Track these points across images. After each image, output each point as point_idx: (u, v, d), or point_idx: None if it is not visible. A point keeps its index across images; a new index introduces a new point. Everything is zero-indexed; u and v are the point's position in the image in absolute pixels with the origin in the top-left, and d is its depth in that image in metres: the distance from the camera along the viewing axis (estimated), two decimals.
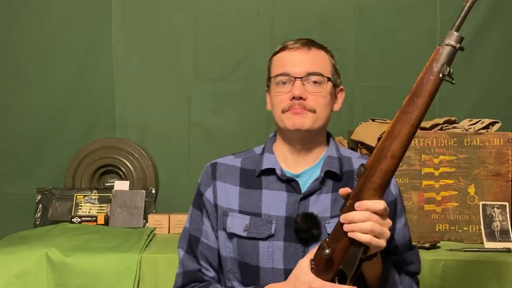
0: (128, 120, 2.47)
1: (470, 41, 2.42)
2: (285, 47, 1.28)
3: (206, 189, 1.29)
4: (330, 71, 1.27)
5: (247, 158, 1.32)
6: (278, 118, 1.25)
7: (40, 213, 2.31)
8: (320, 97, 1.23)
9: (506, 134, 2.00)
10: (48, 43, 2.45)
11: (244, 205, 1.25)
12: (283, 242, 1.20)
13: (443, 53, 1.01)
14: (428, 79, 1.01)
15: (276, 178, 1.25)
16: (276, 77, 1.25)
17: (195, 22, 2.46)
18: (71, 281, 1.79)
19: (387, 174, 1.00)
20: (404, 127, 1.00)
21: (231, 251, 1.24)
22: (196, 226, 1.30)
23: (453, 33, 1.01)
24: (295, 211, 1.21)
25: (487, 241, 1.94)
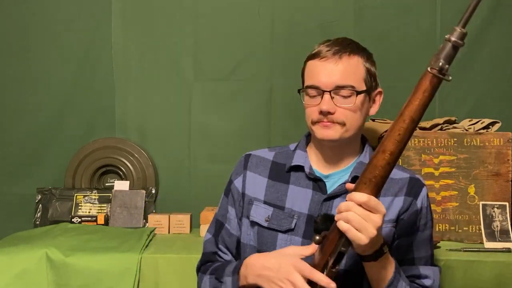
0: (128, 120, 2.47)
1: (470, 41, 2.41)
2: (317, 55, 1.29)
3: (236, 178, 1.35)
4: (362, 79, 1.28)
5: (281, 152, 1.37)
6: (309, 127, 1.30)
7: (40, 213, 2.31)
8: (349, 111, 1.24)
9: (506, 134, 2.00)
10: (48, 43, 2.45)
11: (269, 197, 1.30)
12: (302, 239, 1.24)
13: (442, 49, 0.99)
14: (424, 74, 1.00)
15: (304, 175, 1.29)
16: (306, 88, 1.28)
17: (195, 22, 2.46)
18: (71, 281, 1.79)
19: (377, 168, 1.00)
20: (397, 123, 1.00)
21: (251, 239, 1.29)
22: (223, 212, 1.37)
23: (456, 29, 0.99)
24: (318, 210, 1.23)
25: (487, 241, 1.94)
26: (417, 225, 1.27)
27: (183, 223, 2.21)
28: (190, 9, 2.46)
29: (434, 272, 1.29)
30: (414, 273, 1.26)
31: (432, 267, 1.30)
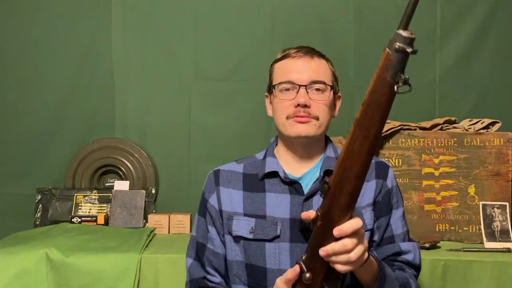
0: (128, 120, 2.47)
1: (470, 41, 2.42)
2: (287, 55, 1.31)
3: (210, 196, 1.33)
4: (331, 79, 1.32)
5: (249, 163, 1.36)
6: (282, 124, 1.29)
7: (40, 213, 2.31)
8: (323, 105, 1.27)
9: (506, 134, 2.00)
10: (48, 43, 2.45)
11: (248, 208, 1.28)
12: (289, 243, 1.23)
13: (393, 60, 0.87)
14: (381, 91, 0.88)
15: (279, 181, 1.29)
16: (280, 84, 1.28)
17: (195, 22, 2.46)
18: (71, 281, 1.78)
19: (354, 193, 0.96)
20: (364, 146, 0.92)
21: (238, 254, 1.27)
22: (202, 234, 1.34)
23: (401, 33, 0.86)
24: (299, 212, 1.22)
25: (487, 241, 1.94)
26: (391, 204, 1.32)
27: (183, 223, 2.21)
28: (190, 9, 2.46)
29: (414, 247, 1.32)
30: (396, 250, 1.29)
31: (411, 242, 1.34)
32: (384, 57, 0.89)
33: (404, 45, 0.86)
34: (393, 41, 0.87)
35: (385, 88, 0.88)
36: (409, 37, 0.86)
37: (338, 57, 2.45)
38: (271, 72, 1.35)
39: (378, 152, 2.00)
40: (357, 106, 2.85)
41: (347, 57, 2.46)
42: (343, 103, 2.51)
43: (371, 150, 0.93)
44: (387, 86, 0.88)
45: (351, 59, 2.46)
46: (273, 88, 1.31)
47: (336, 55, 2.45)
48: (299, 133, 1.26)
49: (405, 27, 0.87)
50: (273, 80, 1.33)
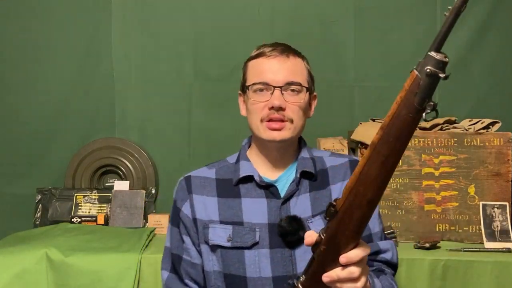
0: (128, 120, 2.47)
1: (470, 41, 2.42)
2: (262, 54, 1.26)
3: (183, 204, 1.26)
4: (306, 79, 1.26)
5: (221, 168, 1.31)
6: (255, 126, 1.24)
7: (40, 213, 2.31)
8: (298, 107, 1.23)
9: (506, 134, 2.00)
10: (48, 43, 2.45)
11: (224, 215, 1.23)
12: (269, 249, 1.19)
13: (423, 84, 0.79)
14: (405, 116, 0.81)
15: (254, 185, 1.24)
16: (254, 85, 1.23)
17: (195, 22, 2.46)
18: (71, 281, 1.78)
19: (365, 220, 0.89)
20: (381, 172, 0.84)
21: (215, 264, 1.21)
22: (177, 244, 1.27)
23: (434, 56, 0.79)
24: (277, 216, 1.20)
25: (487, 241, 1.94)
26: None
27: None
28: (190, 9, 2.46)
29: (391, 245, 1.30)
30: (375, 249, 1.25)
31: (388, 240, 1.31)
32: (411, 80, 0.80)
33: (436, 69, 0.78)
34: (423, 64, 0.79)
35: (410, 114, 0.80)
36: (442, 60, 0.79)
37: (338, 57, 2.47)
38: (245, 70, 1.29)
39: None
40: (357, 106, 2.87)
41: (347, 57, 2.46)
42: (343, 103, 2.53)
43: (388, 177, 0.85)
44: (412, 112, 0.80)
45: (351, 59, 2.46)
46: (247, 89, 1.25)
47: (336, 55, 2.47)
48: (273, 138, 1.21)
49: (438, 49, 0.79)
50: (247, 79, 1.27)
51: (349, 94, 2.46)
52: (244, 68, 1.30)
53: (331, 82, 2.46)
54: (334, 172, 1.28)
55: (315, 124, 2.48)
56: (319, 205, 1.23)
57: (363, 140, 2.01)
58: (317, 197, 1.24)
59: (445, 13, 0.75)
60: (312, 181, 1.25)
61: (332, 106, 2.45)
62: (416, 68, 0.79)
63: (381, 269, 1.25)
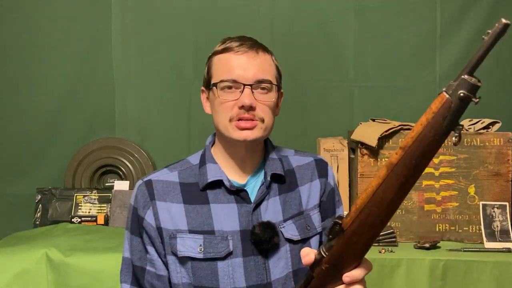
0: (128, 120, 2.47)
1: (470, 41, 2.42)
2: (229, 49, 1.19)
3: (146, 212, 1.15)
4: (275, 76, 1.20)
5: (184, 170, 1.22)
6: (224, 126, 1.16)
7: (40, 213, 2.31)
8: (268, 106, 1.15)
9: (506, 134, 2.00)
10: (48, 43, 2.45)
11: (193, 224, 1.13)
12: (242, 258, 1.12)
13: (454, 108, 0.76)
14: (431, 139, 0.78)
15: (223, 190, 1.16)
16: (222, 82, 1.15)
17: (195, 22, 2.46)
18: (71, 281, 1.79)
19: (373, 240, 0.86)
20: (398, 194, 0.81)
21: (184, 276, 1.12)
22: (139, 255, 1.16)
23: (468, 80, 0.75)
24: (249, 222, 1.13)
25: (487, 241, 1.94)
26: (334, 202, 1.25)
27: None
28: (190, 9, 2.46)
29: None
30: None
31: None
32: (441, 103, 0.77)
33: (470, 93, 0.76)
34: (456, 87, 0.76)
35: (437, 137, 0.77)
36: (476, 85, 0.75)
37: (338, 57, 2.47)
38: (210, 65, 1.21)
39: (379, 152, 2.00)
40: (357, 106, 2.86)
41: (347, 57, 2.46)
42: (343, 103, 2.53)
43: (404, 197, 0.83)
44: (439, 134, 0.77)
45: (351, 59, 2.46)
46: (214, 86, 1.16)
47: (336, 55, 2.47)
48: (245, 138, 1.13)
49: (472, 73, 0.75)
50: (212, 75, 1.19)
51: (349, 94, 2.46)
52: (208, 62, 1.22)
53: (331, 82, 2.46)
54: (301, 173, 1.23)
55: (315, 124, 2.51)
56: (289, 209, 1.18)
57: (363, 140, 2.01)
58: (287, 200, 1.19)
59: (483, 37, 0.73)
60: (281, 184, 1.19)
61: (332, 106, 2.45)
62: (445, 91, 0.77)
63: None
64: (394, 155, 0.80)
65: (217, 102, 1.16)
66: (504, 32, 0.71)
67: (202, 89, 1.24)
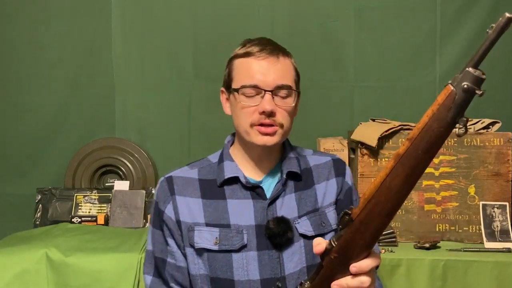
0: (128, 120, 2.47)
1: (470, 41, 2.42)
2: (250, 54, 1.22)
3: (166, 206, 1.22)
4: (294, 79, 1.23)
5: (204, 167, 1.27)
6: (244, 130, 1.21)
7: (40, 213, 2.31)
8: (287, 112, 1.20)
9: (506, 134, 2.00)
10: (48, 43, 2.45)
11: (210, 217, 1.19)
12: (257, 252, 1.17)
13: (458, 99, 0.78)
14: (436, 130, 0.80)
15: (239, 186, 1.21)
16: (243, 88, 1.19)
17: (195, 22, 2.46)
18: (71, 281, 1.79)
19: (380, 231, 0.88)
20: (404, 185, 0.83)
21: (201, 267, 1.18)
22: (161, 248, 1.23)
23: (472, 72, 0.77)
24: (265, 218, 1.18)
25: (487, 241, 1.94)
26: (352, 201, 1.27)
27: None
28: (190, 9, 2.46)
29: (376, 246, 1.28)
30: None
31: None
32: (446, 95, 0.79)
33: (474, 85, 0.77)
34: (461, 79, 0.78)
35: (442, 128, 0.80)
36: (480, 77, 0.77)
37: (338, 57, 2.47)
38: (231, 68, 1.24)
39: (379, 152, 2.00)
40: (357, 106, 2.86)
41: (347, 57, 2.46)
42: (343, 103, 2.53)
43: (410, 189, 0.84)
44: (444, 126, 0.80)
45: (351, 59, 2.46)
46: (235, 91, 1.21)
47: (336, 55, 2.47)
48: (264, 143, 1.18)
49: (476, 66, 0.77)
50: (233, 78, 1.23)
51: (349, 94, 2.46)
52: (229, 65, 1.25)
53: (331, 82, 2.46)
54: (318, 172, 1.27)
55: (315, 124, 2.51)
56: (305, 205, 1.22)
57: (363, 140, 2.01)
58: (303, 197, 1.23)
59: (487, 30, 0.74)
60: (297, 181, 1.24)
61: (332, 106, 2.45)
62: (451, 83, 0.79)
63: None
64: (402, 147, 0.83)
65: (238, 106, 1.21)
66: (508, 26, 0.73)
67: (222, 89, 1.29)
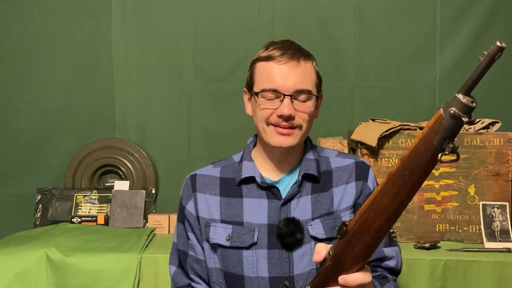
0: (128, 120, 2.47)
1: (470, 41, 2.42)
2: (272, 58, 1.23)
3: (188, 202, 1.29)
4: (315, 83, 1.25)
5: (226, 166, 1.32)
6: (262, 129, 1.24)
7: (40, 213, 2.31)
8: (307, 115, 1.22)
9: (506, 134, 2.00)
10: (49, 43, 2.45)
11: (225, 215, 1.25)
12: (267, 250, 1.20)
13: (445, 125, 0.76)
14: (423, 154, 0.80)
15: (256, 185, 1.25)
16: (263, 91, 1.22)
17: (195, 22, 2.46)
18: (71, 281, 1.79)
19: (371, 246, 0.88)
20: (392, 203, 0.83)
21: (216, 261, 1.24)
22: (183, 241, 1.30)
23: (460, 98, 0.75)
24: (277, 217, 1.21)
25: (487, 241, 1.94)
26: None
27: None
28: (190, 9, 2.46)
29: (397, 252, 1.29)
30: (379, 256, 1.25)
31: (394, 247, 1.30)
32: (435, 118, 0.77)
33: (460, 112, 0.75)
34: (449, 104, 0.76)
35: (428, 152, 0.80)
36: (468, 105, 0.75)
37: (338, 57, 2.47)
38: (253, 70, 1.27)
39: (379, 152, 2.00)
40: (357, 106, 2.87)
41: (347, 57, 2.46)
42: (343, 103, 2.53)
43: (400, 210, 0.84)
44: (431, 150, 0.80)
45: (351, 59, 2.46)
46: (255, 94, 1.24)
47: (336, 55, 2.47)
48: (280, 144, 1.21)
49: (467, 93, 0.76)
50: (255, 81, 1.26)
51: (349, 94, 2.46)
52: (251, 67, 1.28)
53: (331, 82, 2.46)
54: (339, 174, 1.28)
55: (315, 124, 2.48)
56: (320, 208, 1.23)
57: (363, 140, 2.01)
58: (319, 199, 1.24)
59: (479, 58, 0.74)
60: (315, 183, 1.25)
61: (332, 106, 2.45)
62: (442, 107, 0.77)
63: (384, 276, 1.24)
64: (395, 166, 0.84)
65: (258, 109, 1.24)
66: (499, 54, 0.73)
67: (245, 90, 1.32)
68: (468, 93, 0.76)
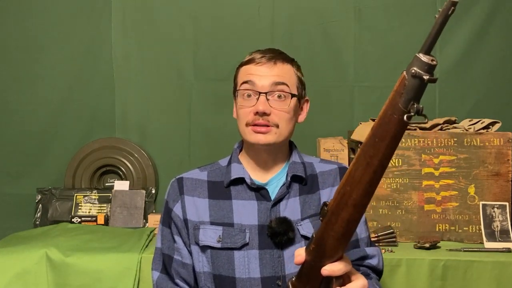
0: (128, 120, 2.47)
1: (470, 41, 2.42)
2: (252, 60, 1.28)
3: (175, 205, 1.28)
4: (295, 84, 1.28)
5: (213, 170, 1.33)
6: (242, 130, 1.27)
7: (40, 213, 2.31)
8: (283, 112, 1.24)
9: (506, 134, 2.00)
10: (48, 43, 2.45)
11: (215, 217, 1.25)
12: (258, 250, 1.21)
13: (408, 86, 0.75)
14: (390, 117, 0.78)
15: (245, 187, 1.27)
16: (240, 90, 1.27)
17: (195, 22, 2.46)
18: (71, 281, 1.79)
19: (350, 223, 0.85)
20: (365, 175, 0.81)
21: (205, 265, 1.23)
22: (168, 245, 1.29)
23: (420, 57, 0.75)
24: (267, 218, 1.22)
25: (487, 241, 1.94)
26: None
27: None
28: (190, 9, 2.46)
29: (378, 251, 1.31)
30: (362, 255, 1.27)
31: (375, 247, 1.33)
32: (399, 81, 0.77)
33: (421, 71, 0.74)
34: (411, 65, 0.75)
35: (395, 115, 0.77)
36: (428, 63, 0.74)
37: (338, 57, 2.47)
38: (236, 75, 1.33)
39: None
40: (357, 106, 2.87)
41: (347, 57, 2.46)
42: (343, 103, 2.53)
43: (374, 180, 0.81)
44: (397, 113, 0.77)
45: (351, 59, 2.46)
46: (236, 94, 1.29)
47: (336, 55, 2.47)
48: (258, 141, 1.23)
49: (427, 52, 0.75)
50: (236, 84, 1.32)
51: (349, 94, 2.46)
52: (235, 73, 1.34)
53: (331, 82, 2.46)
54: (324, 178, 1.31)
55: (315, 124, 2.50)
56: (308, 209, 1.25)
57: (363, 140, 2.00)
58: (307, 200, 1.26)
59: (435, 15, 0.73)
60: (302, 185, 1.27)
61: (332, 106, 2.45)
62: (405, 70, 0.76)
63: (367, 273, 1.26)
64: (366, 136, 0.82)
65: (238, 108, 1.29)
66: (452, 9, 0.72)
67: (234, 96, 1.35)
68: (428, 51, 0.75)
